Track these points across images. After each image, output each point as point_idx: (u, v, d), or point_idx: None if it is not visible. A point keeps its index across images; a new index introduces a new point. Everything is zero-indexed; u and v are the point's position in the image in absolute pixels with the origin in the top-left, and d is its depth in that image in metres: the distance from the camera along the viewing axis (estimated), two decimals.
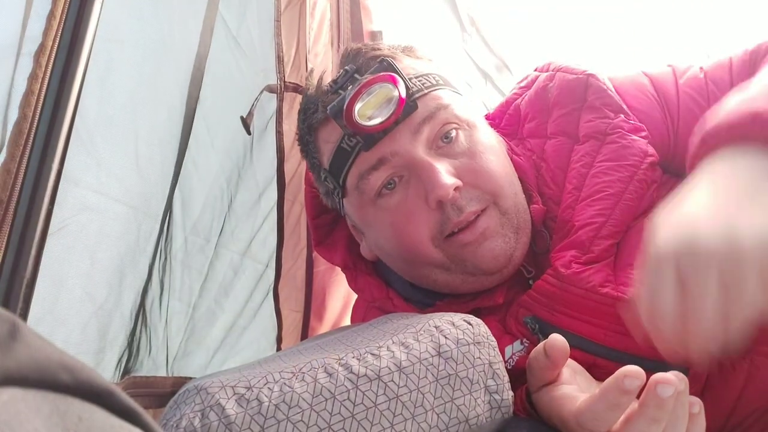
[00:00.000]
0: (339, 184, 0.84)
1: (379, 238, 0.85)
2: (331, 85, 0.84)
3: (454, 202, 0.77)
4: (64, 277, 0.78)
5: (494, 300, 0.82)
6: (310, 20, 1.18)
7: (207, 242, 1.03)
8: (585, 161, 0.84)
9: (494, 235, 0.79)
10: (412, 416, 0.58)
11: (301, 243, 1.17)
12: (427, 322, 0.67)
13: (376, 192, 0.81)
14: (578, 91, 0.88)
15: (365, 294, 0.94)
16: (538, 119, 0.92)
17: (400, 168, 0.80)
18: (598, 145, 0.84)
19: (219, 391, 0.58)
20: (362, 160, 0.80)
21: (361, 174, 0.81)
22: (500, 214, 0.80)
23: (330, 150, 0.83)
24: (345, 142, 0.81)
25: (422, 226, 0.79)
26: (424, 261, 0.81)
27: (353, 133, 0.79)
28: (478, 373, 0.62)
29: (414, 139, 0.79)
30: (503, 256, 0.79)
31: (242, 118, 1.03)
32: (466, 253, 0.79)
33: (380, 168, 0.80)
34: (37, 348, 0.27)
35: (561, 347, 0.62)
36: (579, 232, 0.79)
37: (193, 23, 0.98)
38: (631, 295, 0.73)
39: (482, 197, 0.79)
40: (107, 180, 0.83)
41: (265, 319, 1.12)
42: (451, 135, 0.81)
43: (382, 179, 0.80)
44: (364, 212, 0.85)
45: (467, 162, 0.80)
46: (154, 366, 0.95)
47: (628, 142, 0.83)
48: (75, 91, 0.70)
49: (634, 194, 0.80)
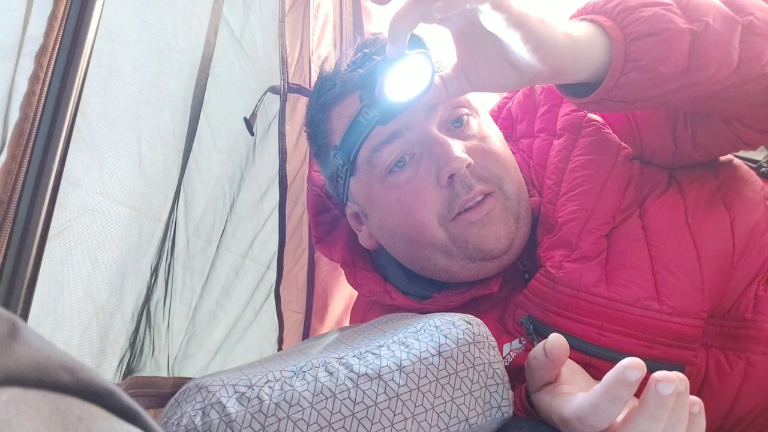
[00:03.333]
0: (349, 160, 0.84)
1: (384, 217, 0.85)
2: (350, 66, 0.84)
3: (464, 178, 0.78)
4: (66, 278, 0.78)
5: (490, 288, 0.83)
6: (313, 22, 1.18)
7: (209, 244, 1.03)
8: (561, 156, 0.85)
9: (498, 219, 0.80)
10: (413, 415, 0.58)
11: (303, 244, 1.17)
12: (428, 321, 0.67)
13: (387, 168, 0.82)
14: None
15: (363, 289, 0.94)
16: (527, 119, 0.94)
17: (412, 144, 0.81)
18: (573, 139, 0.85)
19: (220, 389, 0.59)
20: (377, 133, 0.81)
21: (374, 147, 0.81)
22: (505, 198, 0.81)
23: (344, 125, 0.84)
24: (362, 115, 0.81)
25: (430, 204, 0.80)
26: (427, 241, 0.82)
27: (375, 106, 0.79)
28: (478, 373, 0.62)
29: (429, 116, 0.80)
30: (505, 239, 0.80)
31: (245, 119, 1.04)
32: (470, 234, 0.79)
33: (394, 141, 0.80)
34: (37, 348, 0.27)
35: (561, 346, 0.62)
36: (563, 229, 0.79)
37: (197, 24, 0.98)
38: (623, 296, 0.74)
39: (490, 179, 0.80)
40: (110, 181, 0.83)
41: (267, 320, 1.12)
42: (463, 119, 0.83)
43: (395, 154, 0.81)
44: (372, 190, 0.85)
45: (477, 144, 0.82)
46: (156, 367, 0.95)
47: (603, 135, 0.84)
48: (76, 92, 0.71)
49: (613, 187, 0.81)
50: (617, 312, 0.73)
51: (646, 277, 0.75)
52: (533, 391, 0.66)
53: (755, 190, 0.84)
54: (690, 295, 0.74)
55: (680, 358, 0.72)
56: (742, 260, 0.77)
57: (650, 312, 0.73)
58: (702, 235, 0.78)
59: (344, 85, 0.83)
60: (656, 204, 0.81)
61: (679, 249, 0.77)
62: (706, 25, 0.67)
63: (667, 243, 0.77)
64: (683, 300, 0.73)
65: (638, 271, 0.76)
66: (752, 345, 0.74)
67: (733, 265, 0.77)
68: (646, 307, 0.73)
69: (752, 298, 0.76)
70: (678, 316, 0.72)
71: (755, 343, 0.74)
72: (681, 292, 0.74)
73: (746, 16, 0.70)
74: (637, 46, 0.67)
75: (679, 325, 0.72)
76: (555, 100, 0.90)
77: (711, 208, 0.80)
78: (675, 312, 0.72)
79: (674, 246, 0.77)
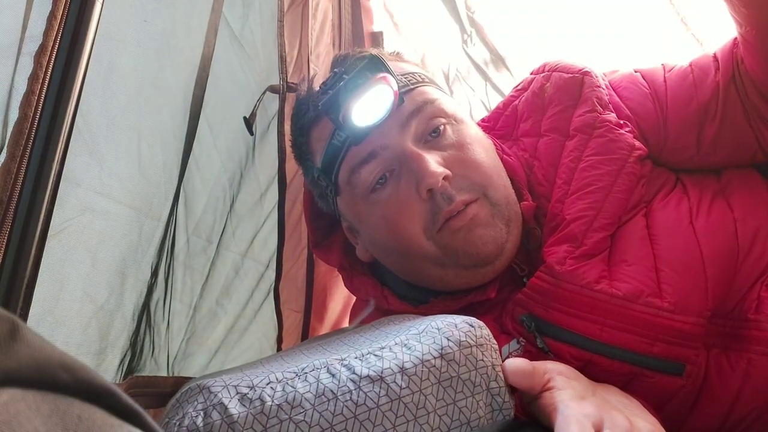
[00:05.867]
0: (332, 182, 0.85)
1: (373, 233, 0.86)
2: (322, 87, 0.85)
3: (443, 190, 0.78)
4: (65, 278, 0.78)
5: (486, 294, 0.83)
6: (312, 21, 1.18)
7: (209, 243, 1.03)
8: (573, 156, 0.85)
9: (484, 224, 0.80)
10: (415, 418, 0.58)
11: (302, 243, 1.16)
12: (430, 323, 0.67)
13: (368, 187, 0.82)
14: (573, 89, 0.89)
15: (360, 293, 0.94)
16: (533, 118, 0.93)
17: (390, 161, 0.81)
18: (586, 139, 0.85)
19: (222, 390, 0.58)
20: (353, 155, 0.82)
21: (351, 168, 0.82)
22: (490, 205, 0.81)
23: (322, 148, 0.85)
24: (335, 137, 0.82)
25: (414, 217, 0.80)
26: (417, 254, 0.82)
27: (343, 127, 0.80)
28: (480, 376, 0.62)
29: (403, 132, 0.81)
30: (493, 243, 0.80)
31: (245, 119, 1.04)
32: (457, 241, 0.79)
33: (371, 162, 0.81)
34: (37, 348, 0.27)
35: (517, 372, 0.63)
36: (571, 225, 0.79)
37: (197, 23, 0.98)
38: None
39: (472, 187, 0.80)
40: (109, 181, 0.83)
41: (266, 319, 1.12)
42: (440, 129, 0.83)
43: (374, 174, 0.81)
44: (357, 209, 0.86)
45: (456, 153, 0.82)
46: (156, 366, 0.95)
47: (616, 135, 0.84)
48: (76, 92, 0.70)
49: (623, 187, 0.81)
50: (619, 309, 0.73)
51: (649, 274, 0.75)
52: (527, 402, 0.66)
53: (759, 191, 0.84)
54: (693, 293, 0.73)
55: (681, 355, 0.72)
56: (746, 261, 0.77)
57: (652, 309, 0.72)
58: (706, 235, 0.78)
59: (316, 110, 0.85)
60: (662, 203, 0.82)
61: (683, 248, 0.77)
62: None
63: (671, 242, 0.77)
64: (686, 298, 0.73)
65: (641, 268, 0.76)
66: (754, 345, 0.74)
67: (736, 266, 0.77)
68: (649, 303, 0.73)
69: (755, 299, 0.76)
70: (680, 314, 0.72)
71: (757, 343, 0.74)
72: (684, 290, 0.74)
73: None
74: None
75: (682, 323, 0.72)
76: (569, 101, 0.89)
77: (715, 209, 0.81)
78: (677, 310, 0.72)
79: (678, 245, 0.77)
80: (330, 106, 0.79)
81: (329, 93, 0.81)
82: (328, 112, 0.80)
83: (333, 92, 0.79)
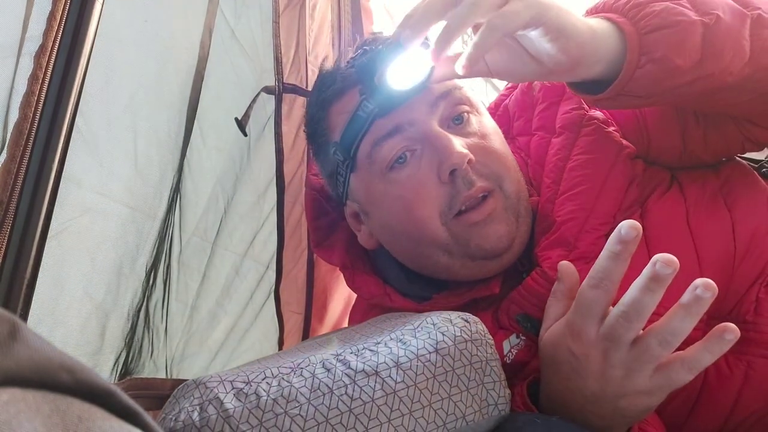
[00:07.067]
0: (350, 155, 0.84)
1: (386, 214, 0.85)
2: (350, 62, 0.84)
3: (465, 174, 0.78)
4: (65, 278, 0.78)
5: (491, 290, 0.82)
6: (309, 22, 1.17)
7: (207, 243, 1.03)
8: (561, 155, 0.85)
9: (499, 218, 0.79)
10: (410, 412, 0.58)
11: (302, 244, 1.16)
12: (425, 319, 0.67)
13: (388, 164, 0.81)
14: (559, 85, 0.89)
15: (363, 292, 0.94)
16: (525, 116, 0.93)
17: (414, 140, 0.80)
18: (573, 138, 0.85)
19: (218, 385, 0.59)
20: (377, 127, 0.80)
21: (375, 141, 0.81)
22: (504, 198, 0.81)
23: (344, 120, 0.83)
24: (361, 109, 0.81)
25: (431, 200, 0.79)
26: (428, 239, 0.81)
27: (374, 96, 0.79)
28: (475, 371, 0.62)
29: (431, 112, 0.80)
30: (506, 238, 0.80)
31: (237, 120, 1.03)
32: (472, 233, 0.79)
33: (395, 136, 0.80)
34: (37, 348, 0.27)
35: (572, 274, 0.67)
36: (562, 228, 0.79)
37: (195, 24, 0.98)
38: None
39: (491, 176, 0.80)
40: (109, 181, 0.83)
41: (267, 321, 1.12)
42: (463, 117, 0.82)
43: (396, 150, 0.80)
44: (373, 186, 0.84)
45: (478, 141, 0.81)
46: (155, 368, 0.95)
47: (604, 134, 0.84)
48: (75, 92, 0.71)
49: (613, 186, 0.80)
50: None
51: None
52: (544, 332, 0.68)
53: (757, 191, 0.83)
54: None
55: None
56: (744, 263, 0.76)
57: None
58: (703, 237, 0.77)
59: (344, 81, 0.83)
60: (658, 204, 0.81)
61: (680, 250, 0.75)
62: (717, 17, 0.67)
63: (667, 244, 0.77)
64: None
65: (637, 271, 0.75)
66: (752, 348, 0.73)
67: (734, 268, 0.76)
68: None
69: (753, 301, 0.75)
70: None
71: (755, 345, 0.73)
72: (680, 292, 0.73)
73: (754, 10, 0.70)
74: (651, 38, 0.67)
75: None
76: (554, 98, 0.90)
77: (712, 210, 0.80)
78: None
79: (674, 247, 0.76)
80: (364, 71, 0.79)
81: (363, 59, 0.81)
82: (363, 77, 0.79)
83: (369, 55, 0.79)
